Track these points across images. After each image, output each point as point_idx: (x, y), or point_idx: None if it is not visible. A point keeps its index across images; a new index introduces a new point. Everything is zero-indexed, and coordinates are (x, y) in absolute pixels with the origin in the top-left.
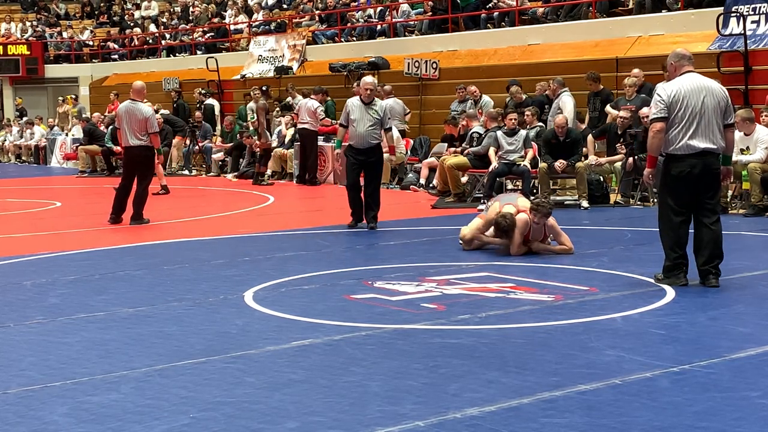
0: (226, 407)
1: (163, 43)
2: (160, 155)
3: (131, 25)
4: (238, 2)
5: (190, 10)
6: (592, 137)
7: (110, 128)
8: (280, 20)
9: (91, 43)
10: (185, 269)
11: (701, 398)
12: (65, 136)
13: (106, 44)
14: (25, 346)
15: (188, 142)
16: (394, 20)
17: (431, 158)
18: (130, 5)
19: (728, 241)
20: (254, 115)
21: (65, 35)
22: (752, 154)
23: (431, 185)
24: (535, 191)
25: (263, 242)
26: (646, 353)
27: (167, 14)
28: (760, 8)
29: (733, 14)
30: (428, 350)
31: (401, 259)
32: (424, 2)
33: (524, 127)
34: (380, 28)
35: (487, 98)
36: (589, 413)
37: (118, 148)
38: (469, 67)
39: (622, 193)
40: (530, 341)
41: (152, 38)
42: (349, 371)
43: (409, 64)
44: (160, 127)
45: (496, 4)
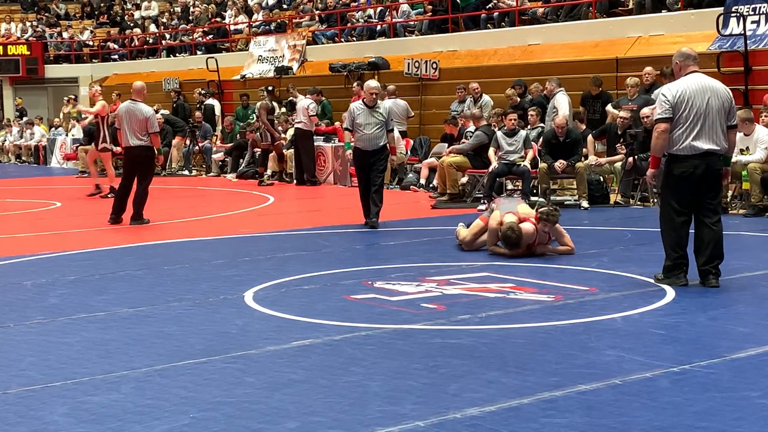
0: (226, 407)
1: (163, 43)
2: (159, 155)
3: (131, 25)
4: (238, 2)
5: (190, 10)
6: (592, 137)
7: (111, 128)
8: (280, 20)
9: (91, 43)
10: (185, 269)
11: (701, 398)
12: (65, 136)
13: (106, 44)
14: (25, 346)
15: (188, 142)
16: (394, 20)
17: (431, 158)
18: (130, 5)
19: (728, 241)
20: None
21: (65, 35)
22: (752, 154)
23: (431, 185)
24: (534, 191)
25: (263, 242)
26: (646, 353)
27: (167, 14)
28: (760, 8)
29: (733, 14)
30: (428, 350)
31: (401, 259)
32: (424, 2)
33: (526, 127)
34: (380, 28)
35: (487, 98)
36: (589, 413)
37: (118, 148)
38: (469, 67)
39: (622, 193)
40: (530, 341)
41: (152, 38)
42: (349, 371)
43: (409, 64)
44: (160, 127)
45: (496, 4)
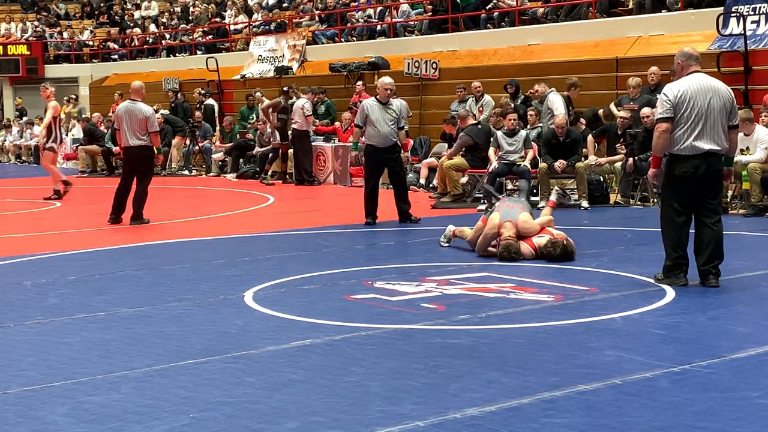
0: (226, 407)
1: (163, 43)
2: (159, 155)
3: (131, 25)
4: (238, 2)
5: (190, 10)
6: (592, 137)
7: (110, 128)
8: (280, 20)
9: (91, 43)
10: (185, 269)
11: (701, 398)
12: (65, 136)
13: (106, 44)
14: (25, 346)
15: (188, 142)
16: (394, 20)
17: (431, 158)
18: (130, 5)
19: (728, 241)
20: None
21: (65, 35)
22: (752, 154)
23: (431, 185)
24: (535, 191)
25: (263, 242)
26: (646, 353)
27: (167, 14)
28: (760, 8)
29: (733, 14)
30: (428, 350)
31: (401, 259)
32: (424, 2)
33: (525, 127)
34: (380, 28)
35: (488, 97)
36: (589, 413)
37: (117, 148)
38: (469, 67)
39: (622, 193)
40: (530, 341)
41: (152, 38)
42: (349, 371)
43: (409, 64)
44: (159, 126)
45: (496, 4)
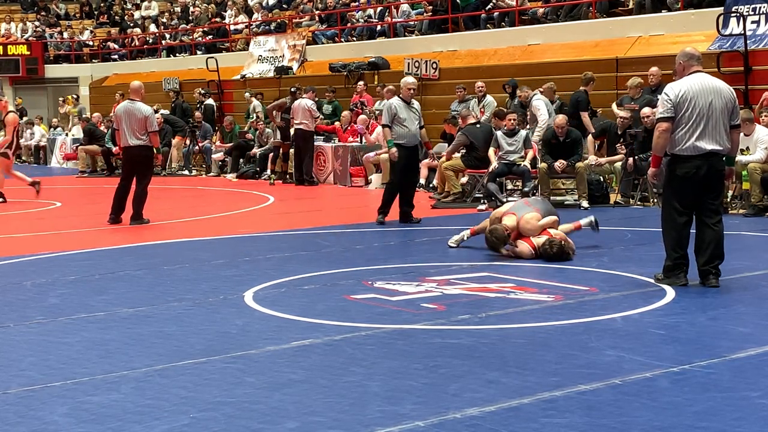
0: (226, 407)
1: (163, 43)
2: (158, 154)
3: (131, 25)
4: (238, 2)
5: (190, 10)
6: (592, 137)
7: (110, 128)
8: (280, 20)
9: (91, 43)
10: (185, 269)
11: (701, 398)
12: (65, 136)
13: (106, 44)
14: (25, 346)
15: (188, 142)
16: (394, 20)
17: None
18: (130, 5)
19: (728, 241)
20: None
21: (65, 35)
22: (752, 154)
23: (431, 185)
24: (535, 191)
25: (263, 242)
26: (646, 353)
27: (167, 14)
28: (760, 8)
29: (733, 14)
30: (428, 350)
31: (401, 259)
32: (424, 2)
33: (525, 127)
34: (380, 28)
35: (490, 98)
36: (589, 413)
37: (116, 148)
38: (469, 67)
39: (622, 193)
40: (530, 341)
41: (152, 38)
42: (349, 371)
43: (409, 64)
44: (159, 126)
45: (496, 4)
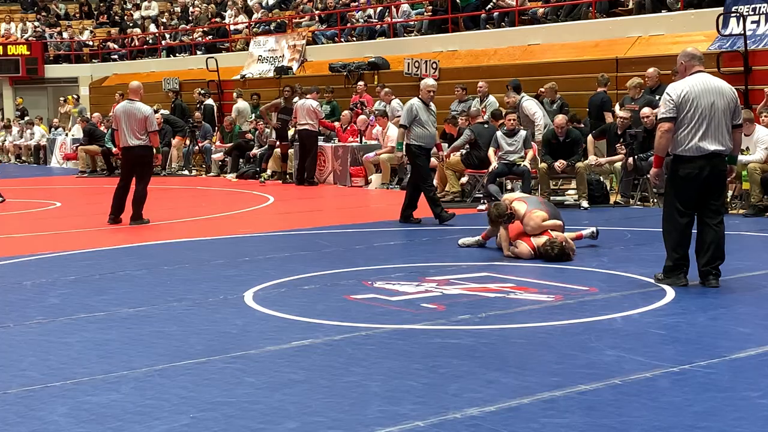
0: (226, 407)
1: (163, 43)
2: (158, 154)
3: (131, 25)
4: (238, 2)
5: (190, 10)
6: (592, 137)
7: (110, 129)
8: (280, 20)
9: (91, 43)
10: (185, 269)
11: (701, 398)
12: (65, 136)
13: (106, 44)
14: (25, 346)
15: (188, 142)
16: (394, 20)
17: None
18: (130, 5)
19: (728, 241)
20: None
21: (65, 35)
22: (752, 154)
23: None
24: (534, 191)
25: (263, 242)
26: (646, 353)
27: (167, 14)
28: (760, 8)
29: (733, 14)
30: (428, 350)
31: (401, 259)
32: (424, 2)
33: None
34: (380, 28)
35: (492, 98)
36: (589, 413)
37: (116, 149)
38: (469, 67)
39: (622, 193)
40: (530, 341)
41: (152, 38)
42: (349, 371)
43: (409, 64)
44: (159, 126)
45: (496, 4)
